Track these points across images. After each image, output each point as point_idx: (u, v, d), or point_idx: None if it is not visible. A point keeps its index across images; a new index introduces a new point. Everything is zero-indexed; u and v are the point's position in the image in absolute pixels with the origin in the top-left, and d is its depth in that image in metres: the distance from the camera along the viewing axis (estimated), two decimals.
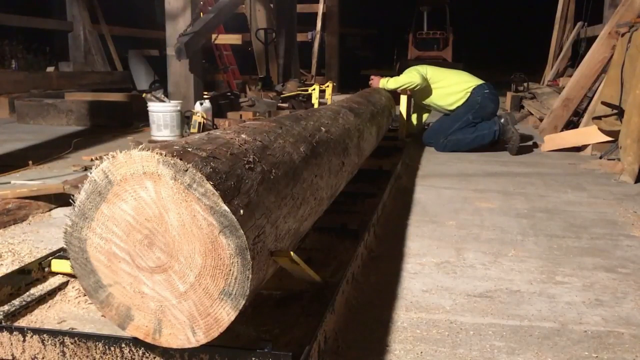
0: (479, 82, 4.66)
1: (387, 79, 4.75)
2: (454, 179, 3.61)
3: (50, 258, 1.83)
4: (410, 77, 4.65)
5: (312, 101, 5.75)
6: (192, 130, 4.98)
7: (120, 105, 6.50)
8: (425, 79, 4.64)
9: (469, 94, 4.59)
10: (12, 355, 1.32)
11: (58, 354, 1.29)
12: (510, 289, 1.87)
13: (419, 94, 4.79)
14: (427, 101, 4.82)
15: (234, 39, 10.02)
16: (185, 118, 5.03)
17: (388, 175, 3.21)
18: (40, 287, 1.76)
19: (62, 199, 2.74)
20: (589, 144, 4.47)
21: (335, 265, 1.95)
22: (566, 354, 1.45)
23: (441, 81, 4.70)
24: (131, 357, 1.25)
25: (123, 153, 1.10)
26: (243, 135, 1.40)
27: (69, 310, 1.65)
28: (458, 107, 4.64)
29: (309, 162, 1.64)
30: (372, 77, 4.95)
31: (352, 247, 2.04)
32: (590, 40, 6.15)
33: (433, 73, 4.74)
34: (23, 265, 1.80)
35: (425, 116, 5.31)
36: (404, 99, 4.85)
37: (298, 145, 1.63)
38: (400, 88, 4.70)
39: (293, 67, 8.98)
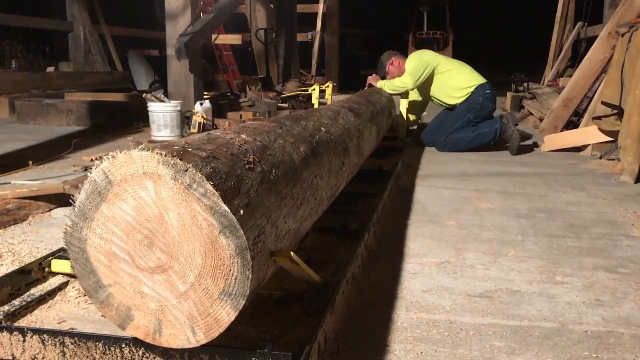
0: (481, 81, 4.66)
1: (383, 82, 4.77)
2: (454, 179, 3.61)
3: (50, 258, 1.83)
4: (404, 82, 4.65)
5: (312, 101, 5.75)
6: (192, 130, 4.97)
7: (120, 105, 6.50)
8: (419, 79, 4.62)
9: (471, 92, 4.59)
10: (12, 355, 1.32)
11: (58, 354, 1.29)
12: (510, 289, 1.87)
13: (422, 85, 4.78)
14: (430, 92, 4.80)
15: (234, 39, 10.02)
16: (185, 118, 5.03)
17: (388, 175, 3.21)
18: (40, 287, 1.76)
19: (62, 199, 2.74)
20: (589, 144, 4.47)
21: (335, 265, 1.95)
22: (566, 354, 1.45)
23: (447, 72, 4.69)
24: (131, 357, 1.25)
25: (123, 153, 1.10)
26: (243, 135, 1.40)
27: (69, 310, 1.65)
28: (458, 105, 4.65)
29: (309, 162, 1.64)
30: (372, 74, 4.95)
31: (352, 247, 2.04)
32: (590, 40, 6.15)
33: (443, 61, 4.75)
34: (23, 265, 1.80)
35: (424, 105, 5.26)
36: (403, 100, 4.85)
37: (298, 145, 1.63)
38: (394, 93, 4.70)
39: (293, 67, 8.98)
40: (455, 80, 4.67)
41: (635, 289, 1.88)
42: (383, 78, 4.91)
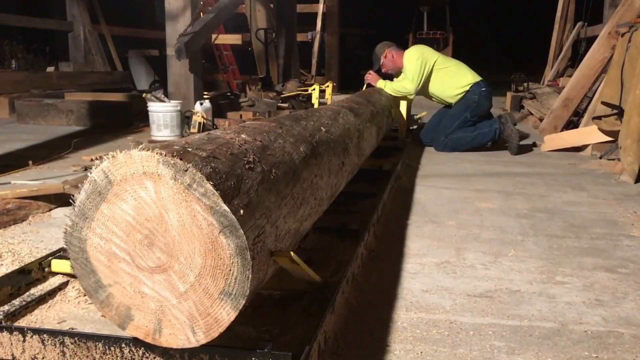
0: (477, 79, 4.66)
1: (385, 82, 4.75)
2: (454, 179, 3.61)
3: (50, 258, 1.83)
4: (406, 88, 4.66)
5: (312, 101, 5.75)
6: (192, 130, 4.97)
7: (120, 105, 6.50)
8: (419, 83, 4.63)
9: (467, 90, 4.59)
10: (12, 355, 1.32)
11: (58, 354, 1.29)
12: (510, 289, 1.87)
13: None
14: (429, 90, 4.80)
15: (234, 39, 10.02)
16: (185, 118, 5.03)
17: (388, 175, 3.21)
18: (40, 287, 1.76)
19: (62, 199, 2.74)
20: (589, 144, 4.47)
21: (335, 265, 1.95)
22: (566, 354, 1.45)
23: (444, 69, 4.70)
24: (131, 357, 1.25)
25: (123, 153, 1.10)
26: (243, 135, 1.40)
27: (69, 310, 1.65)
28: (455, 103, 4.65)
29: (309, 162, 1.64)
30: (369, 72, 4.92)
31: (352, 247, 2.04)
32: (590, 40, 6.14)
33: (441, 58, 4.77)
34: (23, 265, 1.80)
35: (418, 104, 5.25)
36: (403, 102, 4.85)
37: (298, 145, 1.63)
38: (395, 95, 4.69)
39: (293, 67, 8.98)
40: (452, 78, 4.67)
41: (635, 289, 1.88)
42: (378, 71, 4.90)
